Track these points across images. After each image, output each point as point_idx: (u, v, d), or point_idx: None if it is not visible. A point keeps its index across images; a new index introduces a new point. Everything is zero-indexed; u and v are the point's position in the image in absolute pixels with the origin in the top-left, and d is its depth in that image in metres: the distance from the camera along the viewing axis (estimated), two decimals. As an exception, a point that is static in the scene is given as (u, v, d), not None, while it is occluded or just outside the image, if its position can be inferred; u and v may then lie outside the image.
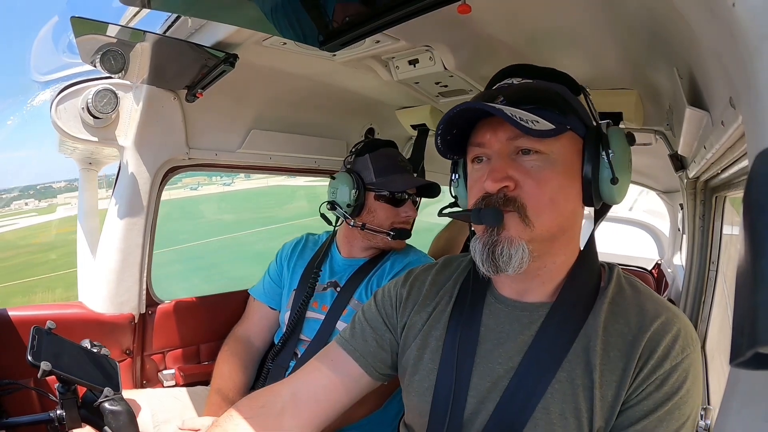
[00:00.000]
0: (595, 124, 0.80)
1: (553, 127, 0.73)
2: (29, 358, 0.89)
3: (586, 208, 0.82)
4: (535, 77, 0.83)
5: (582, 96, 0.84)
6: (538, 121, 0.72)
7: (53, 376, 0.91)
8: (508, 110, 0.71)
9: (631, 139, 0.78)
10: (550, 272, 0.82)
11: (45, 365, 0.88)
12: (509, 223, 0.75)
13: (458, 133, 0.81)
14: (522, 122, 0.70)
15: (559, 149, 0.75)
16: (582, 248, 0.84)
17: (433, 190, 1.58)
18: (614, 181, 0.75)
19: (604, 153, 0.75)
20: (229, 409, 0.87)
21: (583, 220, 0.86)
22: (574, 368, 0.75)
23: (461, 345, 0.83)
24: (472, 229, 0.83)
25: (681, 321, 0.76)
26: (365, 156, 1.55)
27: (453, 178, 0.91)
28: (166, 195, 1.66)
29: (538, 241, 0.76)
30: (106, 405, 0.94)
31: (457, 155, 0.86)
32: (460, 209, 0.86)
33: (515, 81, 0.82)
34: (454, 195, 0.93)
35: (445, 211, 0.89)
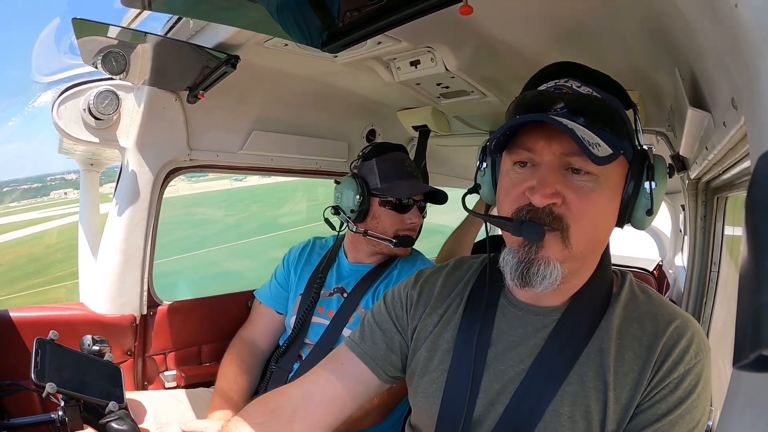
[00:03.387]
0: (638, 144, 0.78)
1: (611, 152, 0.70)
2: (33, 377, 0.90)
3: None
4: (592, 83, 0.79)
5: (631, 110, 0.82)
6: (600, 145, 0.69)
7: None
8: (579, 129, 0.69)
9: (671, 171, 0.77)
10: (573, 286, 0.81)
11: (50, 387, 0.90)
12: (549, 242, 0.72)
13: (508, 134, 0.75)
14: (592, 149, 0.67)
15: (610, 172, 0.73)
16: None
17: (439, 197, 1.56)
18: (649, 212, 0.74)
19: (646, 183, 0.74)
20: (238, 413, 0.86)
21: None
22: (586, 371, 0.75)
23: (473, 347, 0.83)
24: (498, 234, 0.80)
25: (694, 326, 0.76)
26: (372, 160, 1.52)
27: (480, 166, 0.87)
28: (208, 186, 1.65)
29: (571, 261, 0.75)
30: (113, 425, 0.96)
31: (499, 152, 0.81)
32: (496, 215, 0.80)
33: (574, 84, 0.77)
34: (478, 182, 0.89)
35: (481, 215, 0.84)
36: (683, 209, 2.93)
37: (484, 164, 0.87)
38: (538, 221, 0.71)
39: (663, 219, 4.16)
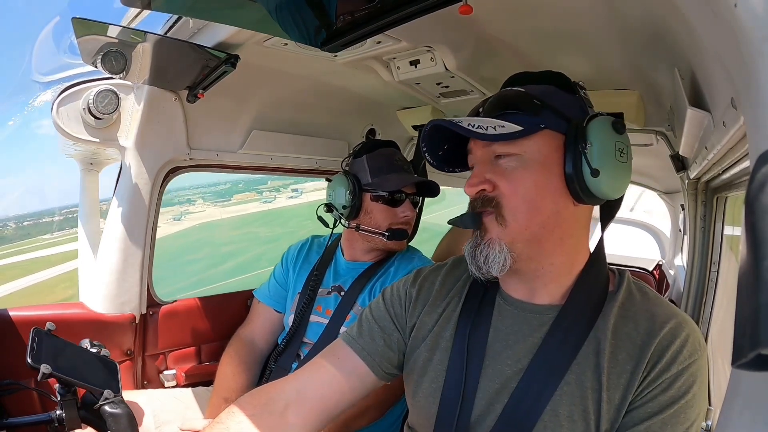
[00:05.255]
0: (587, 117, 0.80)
1: (521, 128, 0.75)
2: (29, 360, 0.89)
3: (594, 209, 0.83)
4: (526, 83, 0.84)
5: (577, 93, 0.84)
6: (503, 126, 0.75)
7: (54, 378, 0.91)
8: (469, 121, 0.76)
9: (618, 126, 0.77)
10: (551, 273, 0.82)
11: (45, 368, 0.88)
12: (488, 225, 0.80)
13: (451, 147, 0.86)
14: (479, 130, 0.74)
15: (534, 148, 0.77)
16: (591, 251, 0.84)
17: (432, 189, 1.57)
18: (594, 173, 0.74)
19: (580, 146, 0.75)
20: (231, 405, 0.85)
21: (591, 222, 0.86)
22: (583, 370, 0.75)
23: (470, 346, 0.83)
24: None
25: (689, 326, 0.76)
26: (362, 157, 1.54)
27: None
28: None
29: (521, 242, 0.78)
30: (107, 408, 0.94)
31: (460, 168, 0.89)
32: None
33: (503, 90, 0.85)
34: None
35: (450, 221, 0.95)
36: (683, 209, 2.94)
37: None
38: (473, 209, 0.81)
39: (663, 219, 4.17)
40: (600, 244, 0.84)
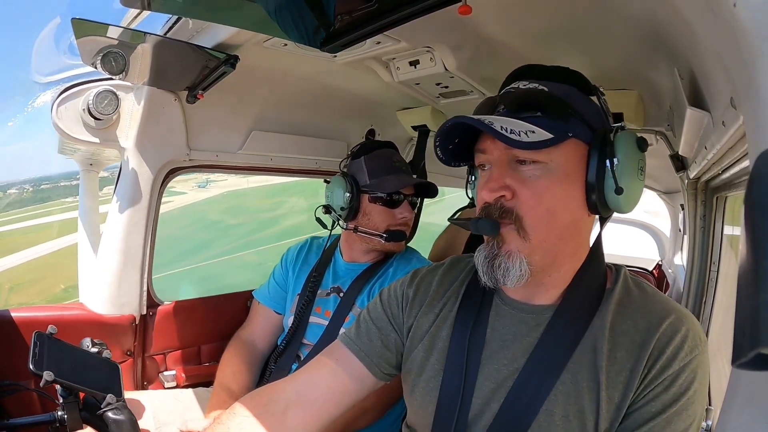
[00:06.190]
0: (606, 126, 0.78)
1: (551, 136, 0.71)
2: (31, 367, 0.89)
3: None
4: (544, 79, 0.81)
5: (595, 96, 0.82)
6: (534, 131, 0.71)
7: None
8: (500, 122, 0.71)
9: (642, 144, 0.75)
10: (557, 279, 0.81)
11: (48, 375, 0.88)
12: (508, 237, 0.75)
13: (461, 141, 0.81)
14: (512, 136, 0.70)
15: (560, 157, 0.74)
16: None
17: (430, 190, 1.56)
18: (618, 191, 0.72)
19: (608, 161, 0.73)
20: (231, 406, 0.85)
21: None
22: (579, 370, 0.75)
23: (467, 346, 0.83)
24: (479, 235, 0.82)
25: (689, 321, 0.75)
26: (360, 158, 1.54)
27: (469, 180, 0.92)
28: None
29: (539, 254, 0.76)
30: (110, 414, 0.95)
31: (464, 162, 0.86)
32: (466, 218, 0.85)
33: (521, 85, 0.80)
34: (470, 197, 0.93)
35: (449, 219, 0.93)
36: (682, 209, 2.94)
37: (472, 177, 0.91)
38: (490, 217, 0.76)
39: (662, 219, 4.17)
40: (598, 242, 0.83)
